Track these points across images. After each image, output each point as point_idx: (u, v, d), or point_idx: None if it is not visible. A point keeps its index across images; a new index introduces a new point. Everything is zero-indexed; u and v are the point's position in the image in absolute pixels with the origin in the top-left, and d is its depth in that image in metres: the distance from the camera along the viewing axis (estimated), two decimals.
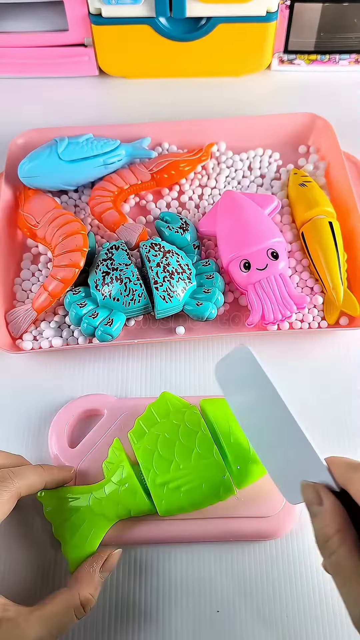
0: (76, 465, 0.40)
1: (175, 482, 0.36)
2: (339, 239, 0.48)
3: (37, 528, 0.39)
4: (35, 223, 0.49)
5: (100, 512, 0.37)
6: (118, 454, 0.38)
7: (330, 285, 0.46)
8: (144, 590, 0.37)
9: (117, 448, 0.38)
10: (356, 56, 0.63)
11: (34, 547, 0.38)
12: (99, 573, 0.34)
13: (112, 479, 0.37)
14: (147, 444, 0.37)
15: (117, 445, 0.38)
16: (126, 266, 0.45)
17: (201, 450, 0.36)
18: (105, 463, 0.38)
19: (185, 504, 0.36)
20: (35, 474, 0.36)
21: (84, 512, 0.37)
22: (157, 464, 0.36)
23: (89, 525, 0.37)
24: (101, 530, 0.37)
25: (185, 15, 0.56)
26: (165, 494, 0.36)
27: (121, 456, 0.38)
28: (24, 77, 0.64)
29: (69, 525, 0.37)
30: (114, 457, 0.38)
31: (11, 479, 0.34)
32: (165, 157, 0.53)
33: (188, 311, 0.45)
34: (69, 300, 0.45)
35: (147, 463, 0.37)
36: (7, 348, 0.44)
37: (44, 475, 0.36)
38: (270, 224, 0.48)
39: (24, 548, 0.38)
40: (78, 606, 0.32)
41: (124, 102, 0.63)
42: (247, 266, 0.45)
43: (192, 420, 0.37)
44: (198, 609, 0.36)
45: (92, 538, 0.36)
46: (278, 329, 0.46)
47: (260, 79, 0.64)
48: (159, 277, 0.45)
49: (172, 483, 0.36)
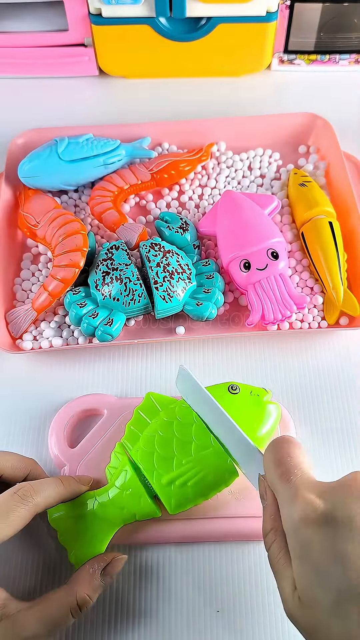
0: (76, 465, 0.40)
1: (182, 479, 0.36)
2: (339, 239, 0.48)
3: (42, 533, 0.39)
4: (35, 223, 0.49)
5: (105, 517, 0.36)
6: (120, 459, 0.38)
7: (330, 285, 0.46)
8: (144, 590, 0.37)
9: (120, 452, 0.38)
10: (356, 56, 0.63)
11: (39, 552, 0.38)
12: (99, 576, 0.33)
13: (115, 483, 0.37)
14: (144, 446, 0.37)
15: (120, 450, 0.38)
16: (126, 266, 0.45)
17: (199, 442, 0.36)
18: (108, 468, 0.38)
19: (195, 496, 0.36)
20: (54, 490, 0.35)
21: (89, 518, 0.37)
22: (158, 465, 0.36)
23: (94, 531, 0.36)
24: (107, 535, 0.36)
25: (185, 15, 0.56)
26: (174, 492, 0.36)
27: (124, 460, 0.37)
28: (24, 77, 0.64)
29: (74, 532, 0.36)
30: (116, 461, 0.38)
31: (31, 496, 0.33)
32: (165, 157, 0.53)
33: (188, 311, 0.45)
34: (69, 300, 0.45)
35: (149, 465, 0.36)
36: (7, 348, 0.44)
37: (61, 490, 0.35)
38: (270, 224, 0.48)
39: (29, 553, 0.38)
40: (74, 605, 0.32)
41: (124, 102, 0.63)
42: (247, 266, 0.45)
43: (184, 414, 0.37)
44: (198, 609, 0.36)
45: (97, 543, 0.36)
46: (278, 329, 0.46)
47: (260, 79, 0.64)
48: (159, 277, 0.45)
49: (178, 480, 0.36)
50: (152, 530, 0.38)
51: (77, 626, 0.36)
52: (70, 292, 0.46)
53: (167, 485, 0.36)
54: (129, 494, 0.36)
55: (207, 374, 0.45)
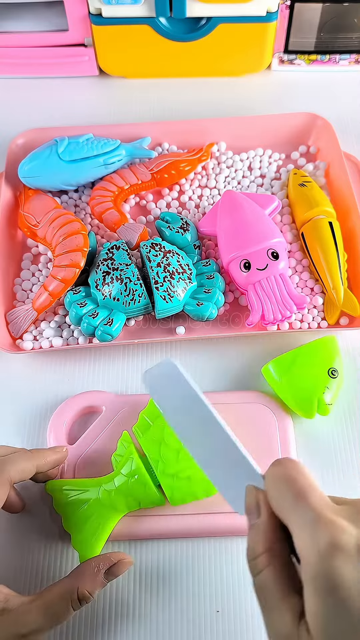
0: (75, 460, 0.40)
1: (186, 472, 0.36)
2: (339, 239, 0.48)
3: (46, 520, 0.39)
4: (36, 223, 0.49)
5: (109, 504, 0.37)
6: (127, 446, 0.38)
7: (331, 285, 0.46)
8: (143, 590, 0.37)
9: (126, 440, 0.38)
10: (356, 56, 0.63)
11: (42, 539, 0.39)
12: (103, 574, 0.33)
13: (121, 471, 0.37)
14: (153, 435, 0.38)
15: (126, 438, 0.38)
16: (127, 266, 0.45)
17: None
18: (114, 455, 0.38)
19: (197, 491, 0.36)
20: (25, 459, 0.36)
21: (93, 505, 0.37)
22: (164, 455, 0.37)
23: (98, 518, 0.37)
24: (110, 522, 0.37)
25: (185, 15, 0.56)
26: (176, 484, 0.36)
27: (130, 448, 0.38)
28: (24, 77, 0.64)
29: (78, 518, 0.37)
30: (122, 449, 0.38)
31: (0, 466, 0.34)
32: (165, 157, 0.53)
33: (188, 311, 0.45)
34: (69, 300, 0.45)
35: (155, 454, 0.37)
36: (7, 348, 0.44)
37: (33, 459, 0.36)
38: (271, 224, 0.48)
39: (33, 540, 0.39)
40: (75, 599, 0.32)
41: (124, 102, 0.63)
42: (247, 266, 0.45)
43: None
44: (198, 608, 0.37)
45: (101, 530, 0.37)
46: (278, 329, 0.46)
47: (260, 79, 0.64)
48: (159, 277, 0.45)
49: (182, 473, 0.36)
50: (153, 523, 0.38)
51: (77, 626, 0.36)
52: (70, 291, 0.46)
53: (171, 477, 0.36)
54: (135, 482, 0.37)
55: (207, 373, 0.45)
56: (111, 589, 0.37)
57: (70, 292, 0.46)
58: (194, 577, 0.37)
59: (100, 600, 0.37)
